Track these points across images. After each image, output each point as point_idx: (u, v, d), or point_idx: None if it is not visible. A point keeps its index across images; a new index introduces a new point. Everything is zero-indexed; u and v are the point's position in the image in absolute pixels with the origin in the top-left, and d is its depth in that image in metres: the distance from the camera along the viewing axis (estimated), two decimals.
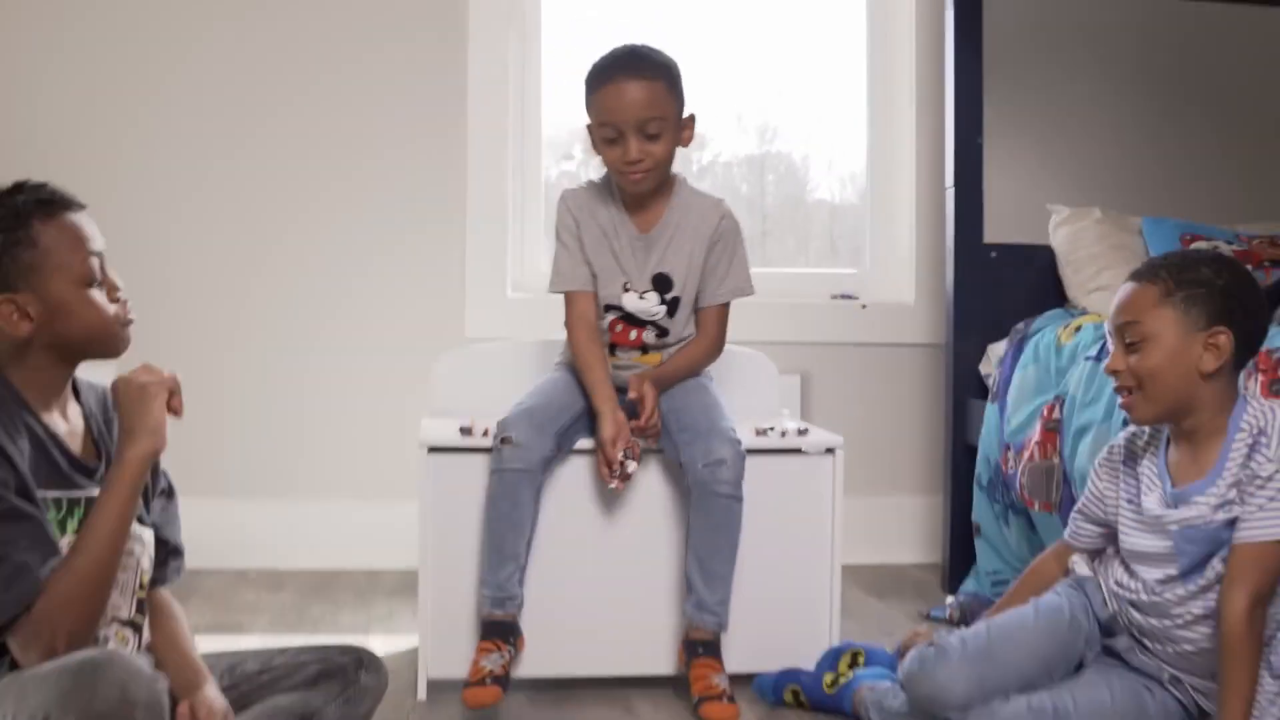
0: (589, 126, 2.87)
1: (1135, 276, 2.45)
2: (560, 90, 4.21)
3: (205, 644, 2.11)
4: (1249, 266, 3.60)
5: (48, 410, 2.06)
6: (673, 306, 2.92)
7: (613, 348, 2.96)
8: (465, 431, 2.85)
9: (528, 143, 4.23)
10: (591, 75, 2.83)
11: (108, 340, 2.10)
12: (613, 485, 2.75)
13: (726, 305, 2.96)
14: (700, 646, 2.76)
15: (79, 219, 2.08)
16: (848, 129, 4.54)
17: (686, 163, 4.42)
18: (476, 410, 3.10)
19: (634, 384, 2.83)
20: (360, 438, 4.08)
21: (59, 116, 3.99)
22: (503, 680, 2.65)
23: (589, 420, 2.85)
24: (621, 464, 2.73)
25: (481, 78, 4.13)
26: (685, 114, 2.86)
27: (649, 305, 2.91)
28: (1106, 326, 2.52)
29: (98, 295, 2.07)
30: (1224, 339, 2.35)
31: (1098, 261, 3.78)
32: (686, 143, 2.88)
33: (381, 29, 4.10)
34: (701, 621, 2.76)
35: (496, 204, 4.13)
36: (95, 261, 2.08)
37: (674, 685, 2.85)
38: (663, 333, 2.94)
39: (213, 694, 2.16)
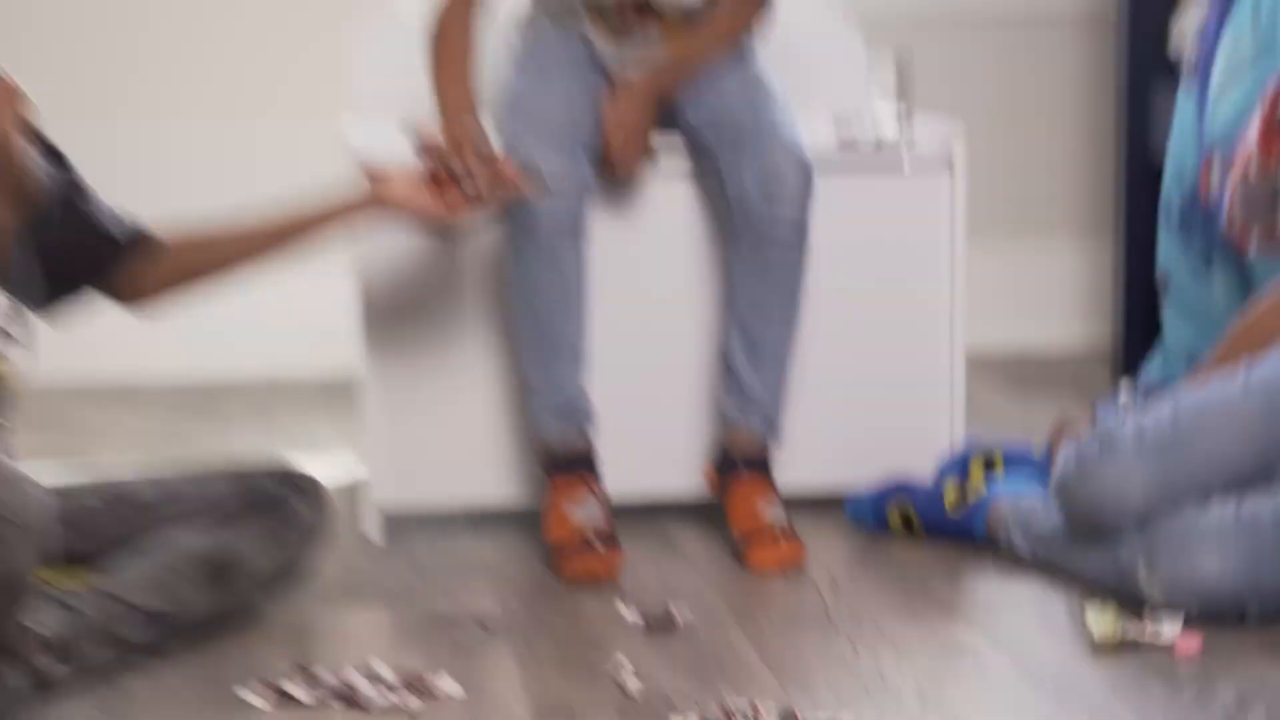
0: None
1: None
2: None
3: (50, 476, 2.37)
4: None
5: None
6: None
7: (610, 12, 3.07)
8: (418, 141, 2.84)
9: None
10: None
11: None
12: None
13: None
14: (742, 462, 2.98)
15: None
16: None
17: None
18: (413, 103, 3.21)
19: (610, 107, 2.99)
20: (252, 154, 4.37)
21: None
22: (611, 538, 2.87)
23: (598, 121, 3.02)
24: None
25: None
26: None
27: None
28: None
29: None
30: None
31: None
32: None
33: None
34: (746, 424, 2.98)
35: None
36: None
37: (712, 514, 3.13)
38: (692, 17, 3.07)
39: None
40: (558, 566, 2.87)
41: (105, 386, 3.81)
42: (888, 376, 3.18)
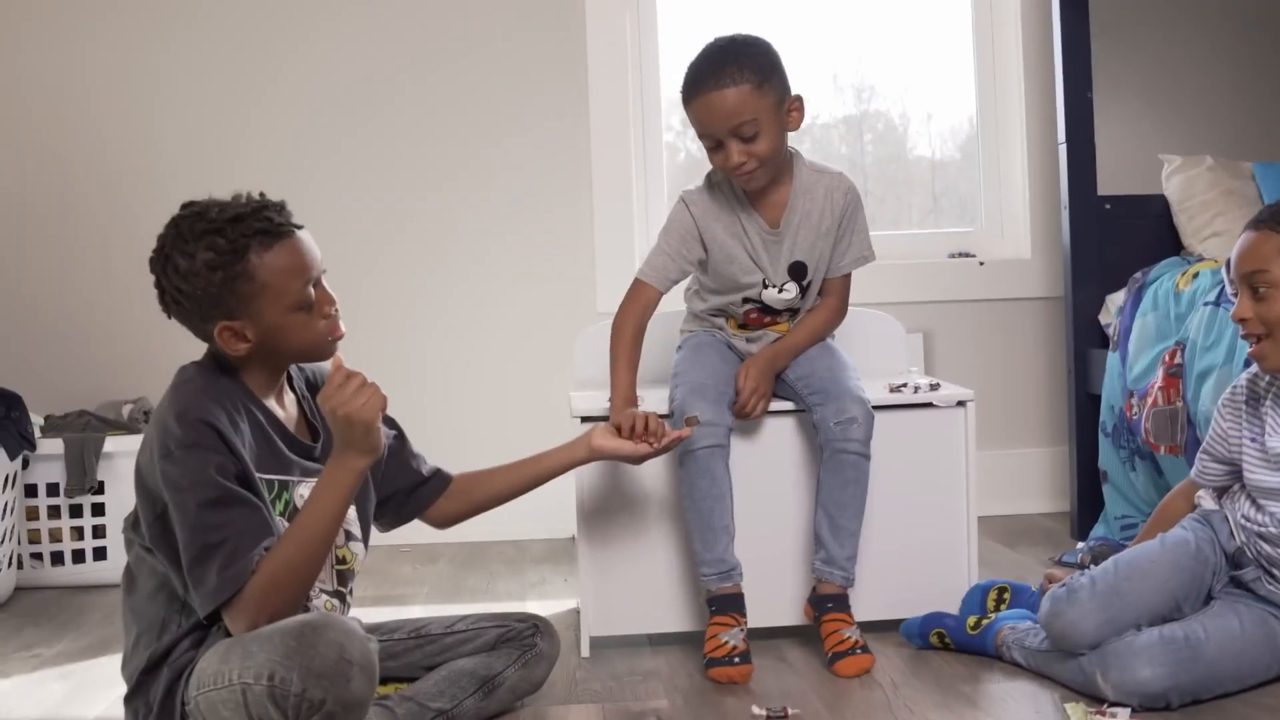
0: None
1: (1256, 225, 2.58)
2: (678, 65, 4.38)
3: (374, 615, 2.32)
4: None
5: (267, 397, 2.30)
6: (806, 289, 3.03)
7: (747, 328, 3.07)
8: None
9: (648, 120, 4.42)
10: (683, 88, 2.88)
11: (316, 355, 2.33)
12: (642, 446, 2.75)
13: (849, 274, 3.08)
14: (829, 602, 2.88)
15: (297, 244, 2.24)
16: (946, 84, 4.65)
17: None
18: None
19: (741, 372, 2.95)
20: (500, 413, 4.30)
21: (183, 115, 4.25)
22: (747, 656, 2.78)
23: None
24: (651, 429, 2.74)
25: (601, 58, 4.31)
26: (790, 95, 2.90)
27: (787, 296, 3.01)
28: (1228, 275, 2.63)
29: (311, 318, 2.25)
30: None
31: (1211, 208, 3.89)
32: (795, 126, 2.91)
33: (504, 19, 4.31)
34: (830, 576, 2.89)
35: (621, 181, 4.34)
36: (311, 288, 2.25)
37: (810, 634, 3.01)
38: (794, 313, 3.07)
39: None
40: (710, 672, 2.77)
41: (411, 544, 3.74)
42: (927, 539, 3.06)
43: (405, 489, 2.58)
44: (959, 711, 2.52)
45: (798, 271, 3.00)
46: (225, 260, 2.17)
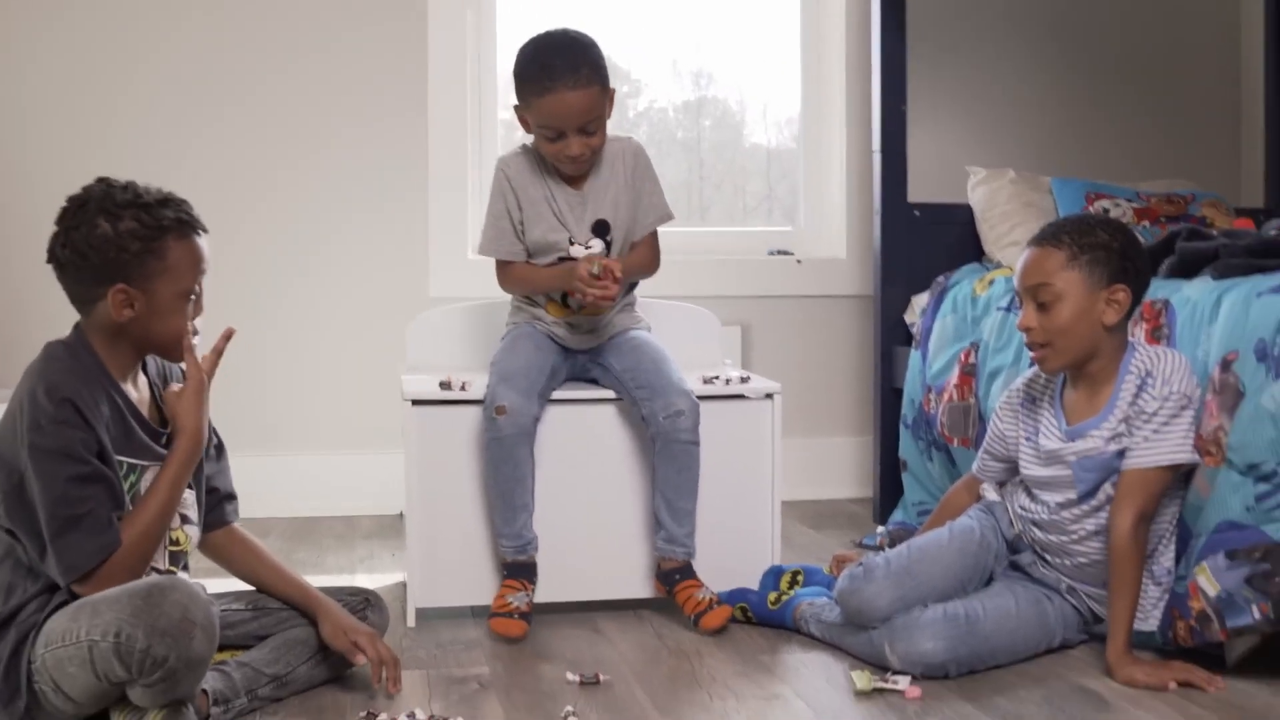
0: (520, 112, 3.08)
1: (1039, 241, 2.79)
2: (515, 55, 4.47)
3: (210, 588, 2.42)
4: (1146, 222, 4.00)
5: (124, 381, 2.41)
6: (610, 245, 3.17)
7: (563, 296, 3.20)
8: (444, 386, 3.15)
9: (485, 113, 4.53)
10: (528, 78, 3.03)
11: (174, 349, 2.45)
12: (599, 291, 2.99)
13: (655, 232, 3.23)
14: (677, 573, 3.08)
15: (202, 243, 2.42)
16: (780, 75, 4.79)
17: (622, 110, 4.70)
18: (448, 366, 3.46)
19: (587, 263, 3.03)
20: (335, 395, 4.39)
21: (39, 101, 4.26)
22: (527, 616, 2.98)
23: (562, 372, 3.18)
24: (596, 276, 2.98)
25: (441, 51, 4.41)
26: (611, 89, 3.08)
27: (594, 251, 3.14)
28: (1016, 287, 2.84)
29: (188, 310, 2.41)
30: (1123, 295, 2.72)
31: (1011, 219, 4.12)
32: (610, 115, 3.10)
33: (346, 12, 4.40)
34: (673, 553, 3.08)
35: (456, 173, 4.45)
36: (199, 283, 2.42)
37: (635, 608, 3.19)
38: None
39: (350, 620, 2.60)
40: (491, 622, 2.97)
41: (243, 519, 3.84)
42: (735, 521, 3.23)
43: (214, 496, 2.64)
44: (758, 680, 2.69)
45: (601, 229, 3.15)
46: (147, 234, 2.34)
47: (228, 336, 2.51)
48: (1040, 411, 2.87)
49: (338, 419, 4.39)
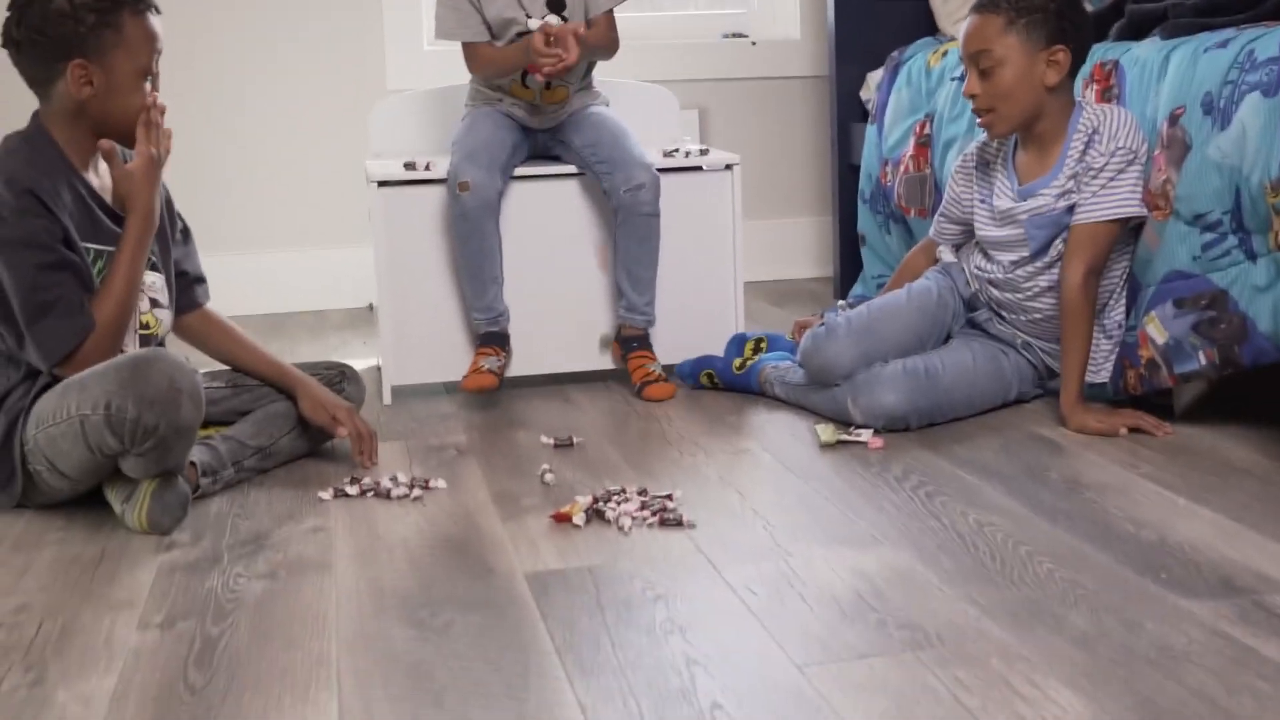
0: None
1: (978, 8, 2.81)
2: None
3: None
4: None
5: (85, 169, 2.44)
6: (565, 21, 3.16)
7: (524, 76, 3.21)
8: (409, 167, 3.17)
9: None
10: None
11: (132, 133, 2.44)
12: (553, 59, 3.01)
13: (611, 12, 3.22)
14: (635, 342, 3.17)
15: (156, 21, 2.42)
16: None
17: None
18: (411, 152, 3.49)
19: (541, 35, 3.04)
20: (299, 192, 4.41)
21: None
22: (498, 375, 3.08)
23: (523, 150, 3.21)
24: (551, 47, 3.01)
25: None
26: None
27: (549, 21, 3.15)
28: (960, 55, 2.89)
29: (145, 88, 2.42)
30: (1063, 55, 2.76)
31: None
32: None
33: None
34: (633, 321, 3.17)
35: None
36: (156, 60, 2.42)
37: (603, 379, 3.28)
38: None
39: (327, 394, 2.65)
40: (463, 383, 3.07)
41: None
42: (701, 295, 3.31)
43: (184, 279, 2.68)
44: (725, 437, 2.79)
45: (556, 4, 3.16)
46: (103, 6, 2.35)
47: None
48: (993, 173, 2.93)
49: (303, 215, 4.41)
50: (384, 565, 2.13)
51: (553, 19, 3.15)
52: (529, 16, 3.15)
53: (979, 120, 2.85)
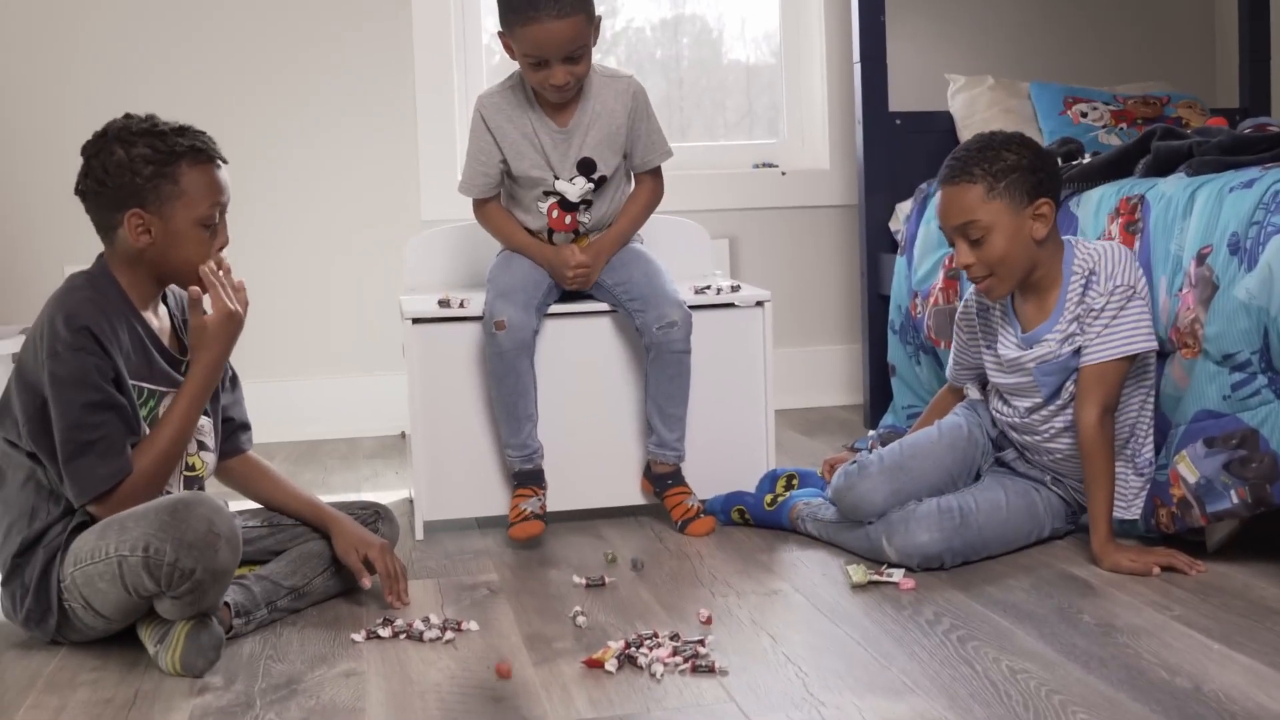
0: (504, 38, 3.09)
1: (952, 179, 2.81)
2: None
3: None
4: (1124, 125, 4.07)
5: (145, 310, 2.49)
6: (599, 184, 3.21)
7: (550, 233, 3.25)
8: (443, 304, 3.21)
9: (469, 34, 4.57)
10: (512, 6, 3.01)
11: (192, 279, 2.50)
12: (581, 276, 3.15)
13: (659, 169, 3.29)
14: (669, 478, 3.18)
15: (220, 172, 2.48)
16: None
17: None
18: (444, 285, 3.54)
19: (572, 250, 3.16)
20: (331, 320, 4.45)
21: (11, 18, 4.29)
22: (542, 517, 3.08)
23: (557, 287, 3.22)
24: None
25: None
26: (598, 17, 3.08)
27: (578, 187, 3.19)
28: (941, 228, 2.88)
29: (206, 240, 2.47)
30: (1047, 207, 2.78)
31: (991, 125, 4.14)
32: (595, 43, 3.11)
33: None
34: (664, 457, 3.18)
35: (444, 95, 4.49)
36: (217, 212, 2.48)
37: (634, 514, 3.29)
38: (589, 205, 3.22)
39: (362, 532, 2.65)
40: (510, 532, 3.06)
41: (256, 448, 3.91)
42: (731, 429, 3.31)
43: (229, 425, 2.71)
44: (757, 577, 2.78)
45: (586, 166, 3.19)
46: (159, 158, 2.41)
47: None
48: (995, 322, 2.94)
49: (335, 343, 4.46)
50: (416, 713, 2.13)
51: (580, 182, 3.19)
52: (557, 178, 3.19)
53: (978, 287, 2.86)
